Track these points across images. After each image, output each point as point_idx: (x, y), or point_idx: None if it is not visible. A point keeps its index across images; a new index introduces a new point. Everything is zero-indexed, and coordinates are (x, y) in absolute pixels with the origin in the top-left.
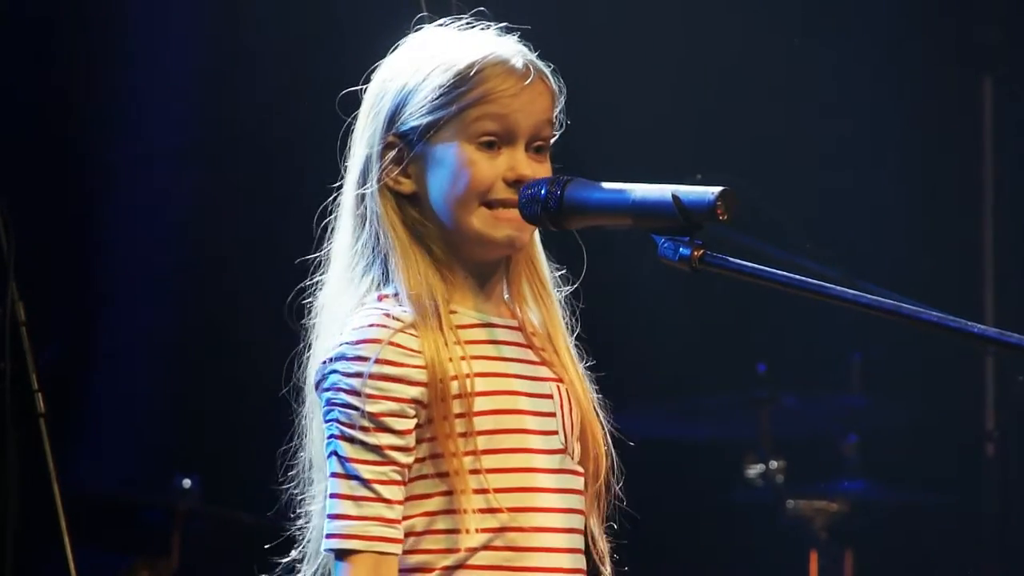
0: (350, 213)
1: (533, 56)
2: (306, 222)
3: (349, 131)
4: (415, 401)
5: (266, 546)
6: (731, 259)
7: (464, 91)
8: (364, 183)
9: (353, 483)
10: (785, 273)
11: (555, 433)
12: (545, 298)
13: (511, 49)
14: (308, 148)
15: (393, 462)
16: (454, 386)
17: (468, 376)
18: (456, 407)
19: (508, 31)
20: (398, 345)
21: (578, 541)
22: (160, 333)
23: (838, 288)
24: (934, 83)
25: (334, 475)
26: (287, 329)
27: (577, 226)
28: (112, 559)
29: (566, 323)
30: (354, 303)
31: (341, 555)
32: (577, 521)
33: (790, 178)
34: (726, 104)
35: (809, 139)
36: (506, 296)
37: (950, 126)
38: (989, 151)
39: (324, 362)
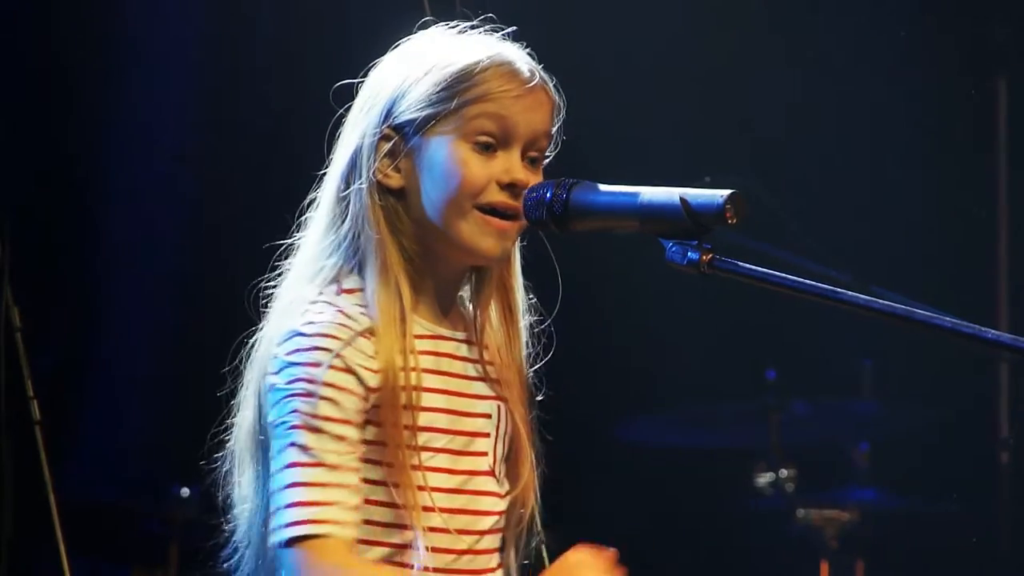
0: (330, 205)
1: (538, 66)
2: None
3: (340, 123)
4: (365, 399)
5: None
6: (740, 263)
7: (465, 87)
8: (352, 175)
9: (318, 471)
10: (795, 278)
11: (484, 455)
12: (511, 322)
13: (516, 54)
14: (310, 151)
15: (353, 452)
16: (403, 396)
17: (416, 389)
18: (405, 418)
19: (514, 38)
20: (356, 348)
21: (483, 562)
22: (158, 339)
23: (849, 293)
24: (948, 84)
25: (294, 464)
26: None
27: (583, 229)
28: (109, 569)
29: (529, 352)
30: (313, 295)
31: (301, 542)
32: (490, 542)
33: (800, 181)
34: (734, 106)
35: (819, 141)
36: (465, 309)
37: (964, 127)
38: (1004, 152)
39: (277, 355)
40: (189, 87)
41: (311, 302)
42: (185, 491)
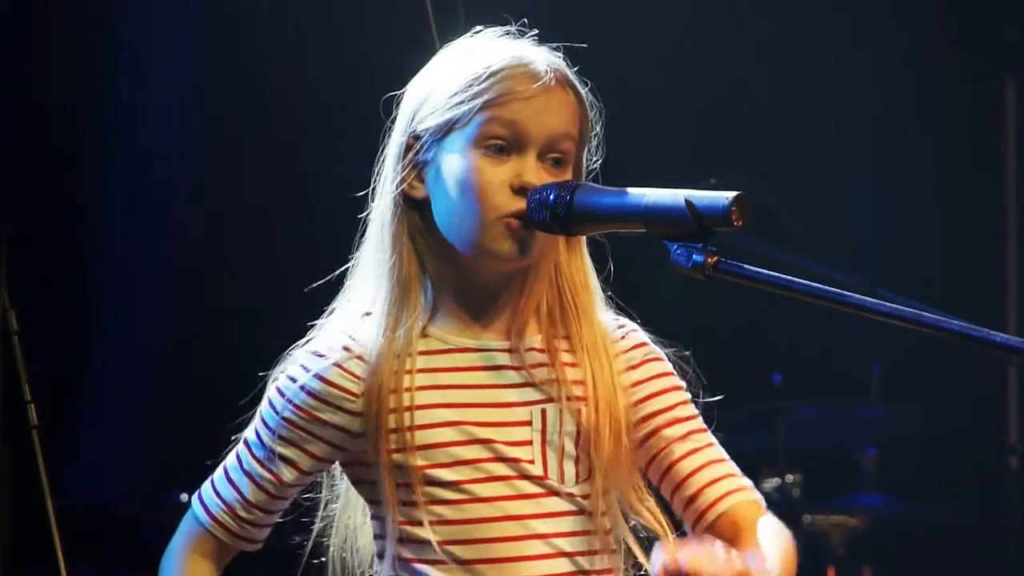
0: (373, 219)
1: (566, 69)
2: (308, 227)
3: (387, 135)
4: (339, 428)
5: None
6: (746, 266)
7: (477, 92)
8: (383, 187)
9: (236, 467)
10: (802, 281)
11: (531, 462)
12: (575, 312)
13: (536, 55)
14: (309, 152)
15: (276, 475)
16: (391, 419)
17: (408, 409)
18: (392, 441)
19: (540, 40)
20: (343, 369)
21: (583, 563)
22: (157, 342)
23: (857, 296)
24: (957, 84)
25: (236, 451)
26: (288, 339)
27: (587, 232)
28: (107, 575)
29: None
30: (337, 316)
31: (192, 514)
32: (578, 544)
33: (807, 183)
34: (742, 108)
35: (827, 143)
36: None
37: (973, 127)
38: (1012, 153)
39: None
40: (189, 90)
41: (327, 322)
42: (184, 496)
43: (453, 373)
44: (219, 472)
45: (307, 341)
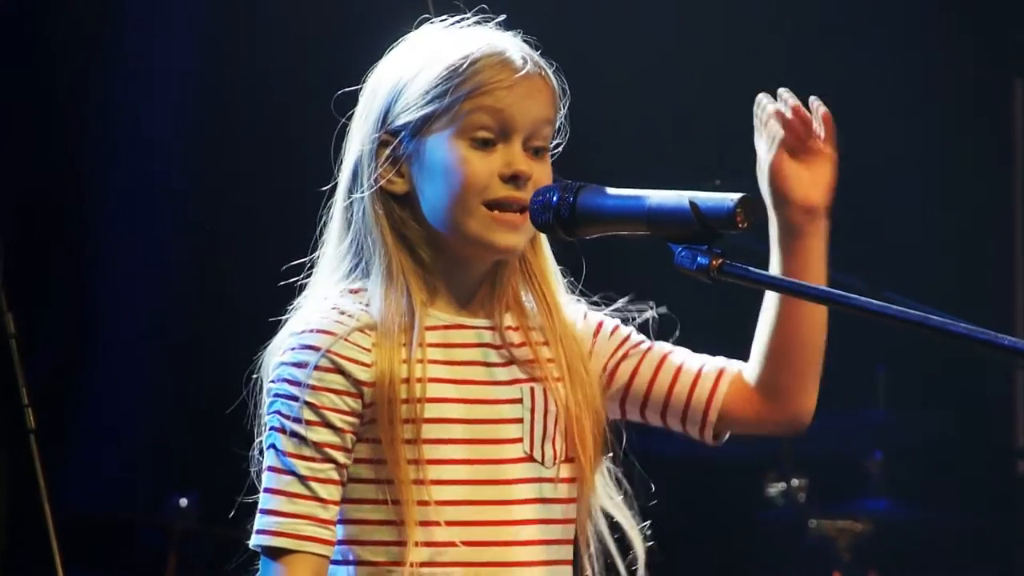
0: (340, 215)
1: (534, 53)
2: (308, 231)
3: (344, 132)
4: (358, 398)
5: None
6: (751, 268)
7: (457, 83)
8: (354, 184)
9: (289, 478)
10: (806, 283)
11: (518, 441)
12: (546, 305)
13: (508, 43)
14: (311, 156)
15: (331, 460)
16: (403, 390)
17: (420, 381)
18: (403, 412)
19: (513, 30)
20: (349, 341)
21: (563, 552)
22: (155, 346)
23: (862, 298)
24: (964, 85)
25: (270, 469)
26: None
27: (590, 234)
28: None
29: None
30: (317, 300)
31: (270, 553)
32: (558, 532)
33: None
34: (747, 108)
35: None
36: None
37: (980, 129)
38: (1020, 154)
39: (276, 359)
40: (188, 91)
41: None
42: (183, 500)
43: (455, 349)
44: (271, 498)
45: (287, 334)
